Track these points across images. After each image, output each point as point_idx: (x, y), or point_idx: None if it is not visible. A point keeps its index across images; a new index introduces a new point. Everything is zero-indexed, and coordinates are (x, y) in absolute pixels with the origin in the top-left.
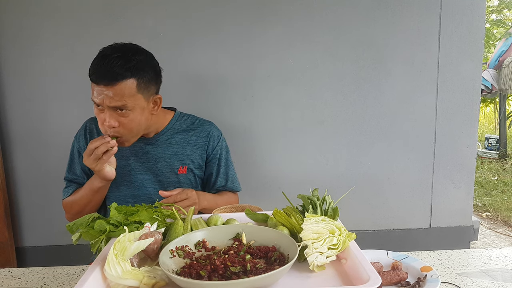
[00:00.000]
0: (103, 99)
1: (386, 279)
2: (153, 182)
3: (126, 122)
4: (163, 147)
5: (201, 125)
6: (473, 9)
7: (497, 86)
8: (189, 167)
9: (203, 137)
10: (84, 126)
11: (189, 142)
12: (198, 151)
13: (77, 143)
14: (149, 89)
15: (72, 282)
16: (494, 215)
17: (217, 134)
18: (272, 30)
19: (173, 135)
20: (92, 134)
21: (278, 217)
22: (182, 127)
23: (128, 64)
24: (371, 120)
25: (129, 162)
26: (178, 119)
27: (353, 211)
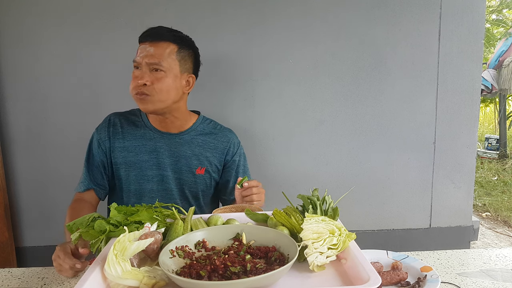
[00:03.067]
0: (143, 56)
1: (386, 279)
2: (171, 178)
3: (158, 82)
4: (185, 146)
5: (223, 131)
6: (473, 9)
7: (497, 86)
8: (207, 169)
9: (224, 142)
10: (107, 119)
11: (210, 145)
12: (217, 155)
13: (97, 135)
14: (187, 62)
15: (72, 282)
16: (494, 215)
17: (237, 141)
18: (272, 30)
19: (196, 136)
20: (116, 127)
21: (278, 217)
22: (205, 130)
23: (174, 32)
24: (371, 120)
25: (151, 157)
26: (202, 122)
27: (353, 211)
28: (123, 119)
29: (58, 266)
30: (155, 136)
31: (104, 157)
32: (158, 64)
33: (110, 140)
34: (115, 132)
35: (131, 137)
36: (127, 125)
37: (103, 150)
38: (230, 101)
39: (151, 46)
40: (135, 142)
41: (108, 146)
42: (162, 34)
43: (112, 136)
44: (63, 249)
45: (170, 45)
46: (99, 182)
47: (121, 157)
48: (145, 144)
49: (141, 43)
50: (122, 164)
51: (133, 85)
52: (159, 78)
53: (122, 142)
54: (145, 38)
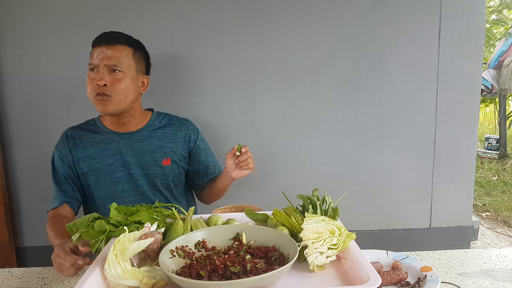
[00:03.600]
0: (101, 59)
1: (386, 279)
2: (140, 175)
3: (117, 83)
4: (146, 141)
5: (179, 121)
6: (473, 9)
7: (497, 86)
8: (173, 159)
9: (183, 130)
10: (64, 134)
11: (170, 135)
12: (180, 143)
13: (58, 151)
14: (141, 64)
15: (72, 282)
16: (494, 215)
17: (195, 128)
18: (272, 30)
19: (154, 130)
20: (74, 139)
21: (278, 217)
22: (162, 123)
23: (128, 36)
24: (371, 120)
25: (115, 159)
26: (157, 117)
27: (353, 211)
28: (79, 130)
29: (58, 266)
30: (115, 139)
31: (69, 170)
32: (117, 65)
33: (72, 153)
34: (75, 144)
35: (91, 145)
36: (84, 134)
37: (67, 164)
38: (230, 101)
39: (108, 49)
40: (96, 148)
41: (71, 158)
42: (117, 37)
43: (73, 148)
44: (63, 248)
45: (126, 48)
46: (72, 195)
47: (85, 165)
48: (107, 148)
49: (96, 47)
50: (89, 172)
51: (91, 87)
52: (118, 79)
53: (84, 152)
54: (100, 42)
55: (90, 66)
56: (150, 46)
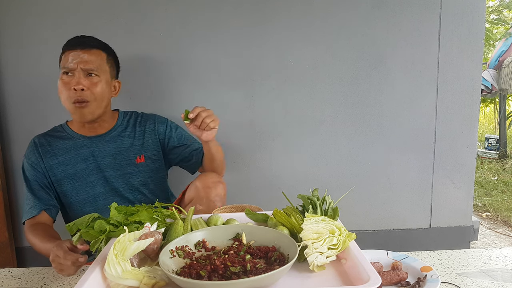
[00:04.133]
0: (77, 62)
1: (386, 279)
2: (115, 177)
3: (94, 87)
4: (117, 142)
5: (146, 116)
6: (473, 9)
7: (497, 86)
8: (146, 155)
9: (150, 124)
10: (32, 142)
11: (140, 132)
12: (150, 138)
13: (28, 160)
14: (113, 69)
15: (72, 282)
16: (494, 215)
17: (162, 119)
18: (272, 30)
19: (123, 130)
20: (44, 146)
21: (278, 217)
22: (130, 122)
23: (99, 41)
24: (371, 120)
25: (88, 163)
26: (124, 117)
27: (353, 211)
28: (48, 137)
29: (58, 266)
30: (86, 143)
31: (43, 178)
32: (94, 69)
33: (43, 160)
34: (45, 151)
35: (62, 152)
36: (53, 141)
37: (41, 172)
38: (230, 101)
39: (84, 53)
40: (68, 154)
41: (43, 166)
42: (92, 41)
43: (44, 156)
44: (61, 247)
45: (101, 53)
46: (49, 202)
47: (59, 172)
48: (78, 153)
49: (70, 51)
50: (64, 178)
51: (67, 93)
52: (95, 83)
53: (56, 159)
54: (74, 46)
55: (64, 70)
56: (150, 46)
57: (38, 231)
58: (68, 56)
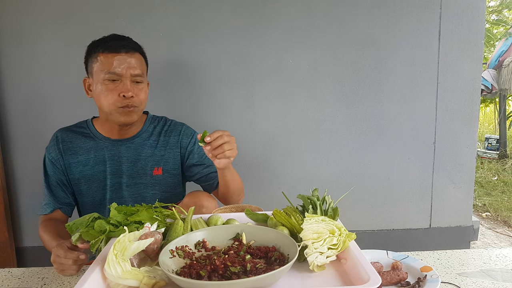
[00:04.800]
0: (126, 68)
1: (386, 279)
2: (128, 185)
3: (141, 93)
4: (138, 149)
5: (173, 126)
6: (473, 9)
7: (497, 86)
8: (164, 168)
9: (175, 135)
10: (54, 137)
11: (163, 143)
12: (172, 150)
13: (48, 154)
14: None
15: (72, 282)
16: (494, 215)
17: (190, 131)
18: (272, 30)
19: (147, 137)
20: (65, 143)
21: (278, 217)
22: (156, 129)
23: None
24: (371, 120)
25: (106, 166)
26: (151, 122)
27: (353, 211)
28: (71, 133)
29: (60, 266)
30: (106, 145)
31: (61, 175)
32: (141, 75)
33: (63, 157)
34: (66, 149)
35: (83, 151)
36: (76, 139)
37: (59, 169)
38: (230, 101)
39: (130, 57)
40: (88, 155)
41: (63, 163)
42: (133, 44)
43: (64, 153)
44: (61, 247)
45: (141, 56)
46: (64, 201)
47: (77, 172)
48: (97, 155)
49: (114, 54)
50: (81, 178)
51: (114, 98)
52: (140, 89)
53: (76, 157)
54: (117, 49)
55: (110, 75)
56: (150, 46)
57: (48, 228)
58: (112, 60)
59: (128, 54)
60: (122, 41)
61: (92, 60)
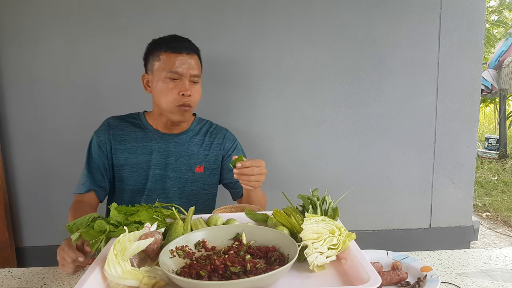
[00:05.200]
0: (187, 68)
1: (386, 279)
2: (170, 178)
3: (197, 93)
4: (184, 145)
5: (218, 129)
6: (473, 9)
7: (497, 86)
8: (206, 167)
9: (219, 138)
10: (106, 122)
11: (207, 143)
12: (215, 151)
13: (97, 138)
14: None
15: (72, 282)
16: (494, 215)
17: (232, 137)
18: (272, 30)
19: (193, 136)
20: (116, 130)
21: (278, 217)
22: (202, 130)
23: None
24: (371, 120)
25: (152, 157)
26: (198, 122)
27: (353, 211)
28: (122, 121)
29: (61, 260)
30: (155, 137)
31: (105, 159)
32: (198, 76)
33: (111, 143)
34: (116, 135)
35: (132, 139)
36: (126, 127)
37: (104, 153)
38: (230, 101)
39: (190, 58)
40: (136, 143)
41: (109, 148)
42: (193, 46)
43: (113, 139)
44: (68, 242)
45: (198, 59)
46: (100, 184)
47: (123, 158)
48: (145, 145)
49: (176, 54)
50: (125, 165)
51: (173, 96)
52: (197, 89)
53: (124, 144)
54: (180, 49)
55: (172, 74)
56: None
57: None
58: (174, 59)
59: (189, 55)
60: (184, 43)
61: (154, 58)
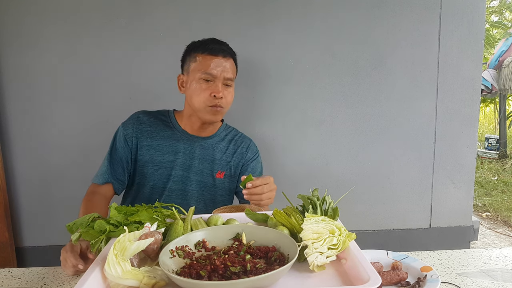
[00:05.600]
0: (221, 70)
1: (386, 279)
2: (191, 180)
3: (229, 96)
4: (209, 150)
5: (243, 138)
6: (473, 9)
7: (497, 86)
8: (226, 173)
9: (243, 147)
10: (136, 116)
11: (231, 150)
12: (237, 159)
13: (124, 130)
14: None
15: (72, 282)
16: (494, 215)
17: (255, 149)
18: (273, 30)
19: (219, 141)
20: (144, 125)
21: (278, 217)
22: (228, 137)
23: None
24: (371, 120)
25: (177, 157)
26: (225, 129)
27: (353, 211)
28: (152, 118)
29: (63, 260)
30: (182, 138)
31: (129, 153)
32: (231, 79)
33: (138, 137)
34: (144, 130)
35: (159, 137)
36: (155, 124)
37: (129, 146)
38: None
39: (225, 61)
40: (163, 142)
41: (135, 143)
42: (229, 50)
43: (140, 134)
44: (72, 246)
45: (234, 63)
46: (119, 177)
47: (148, 155)
48: (172, 144)
49: (212, 56)
50: (149, 162)
51: (205, 97)
52: (229, 92)
53: (150, 141)
54: (216, 52)
55: (206, 76)
56: (149, 46)
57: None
58: (210, 61)
59: (224, 58)
60: (221, 46)
61: (190, 59)
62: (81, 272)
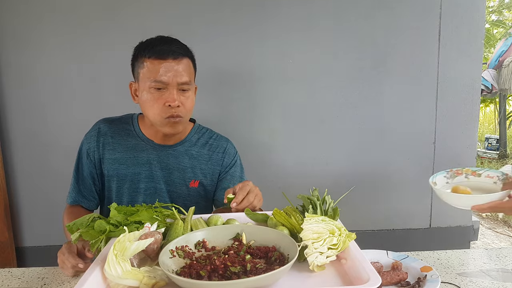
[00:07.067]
0: (172, 76)
1: (386, 279)
2: (164, 191)
3: (187, 102)
4: (178, 158)
5: (218, 141)
6: (473, 9)
7: (497, 86)
8: (201, 182)
9: (219, 152)
10: (96, 127)
11: (205, 157)
12: (212, 166)
13: (86, 144)
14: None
15: (72, 282)
16: (494, 215)
17: (233, 151)
18: (272, 30)
19: (190, 147)
20: (106, 137)
21: (278, 217)
22: (200, 140)
23: (185, 46)
24: (371, 120)
25: (143, 169)
26: (196, 131)
27: (353, 211)
28: (114, 127)
29: (61, 263)
30: (147, 148)
31: (93, 168)
32: (188, 83)
33: (100, 151)
34: (105, 143)
35: (122, 149)
36: (117, 135)
37: (92, 161)
38: (230, 101)
39: (177, 64)
40: (127, 154)
41: (98, 157)
42: (181, 49)
43: (102, 147)
44: (69, 247)
45: (189, 62)
46: (88, 195)
47: (112, 169)
48: (137, 156)
49: (161, 60)
50: (114, 176)
51: (159, 108)
52: (188, 97)
53: (113, 154)
54: (164, 54)
55: (156, 84)
56: None
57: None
58: (158, 67)
59: (175, 61)
60: (170, 46)
61: (139, 65)
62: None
